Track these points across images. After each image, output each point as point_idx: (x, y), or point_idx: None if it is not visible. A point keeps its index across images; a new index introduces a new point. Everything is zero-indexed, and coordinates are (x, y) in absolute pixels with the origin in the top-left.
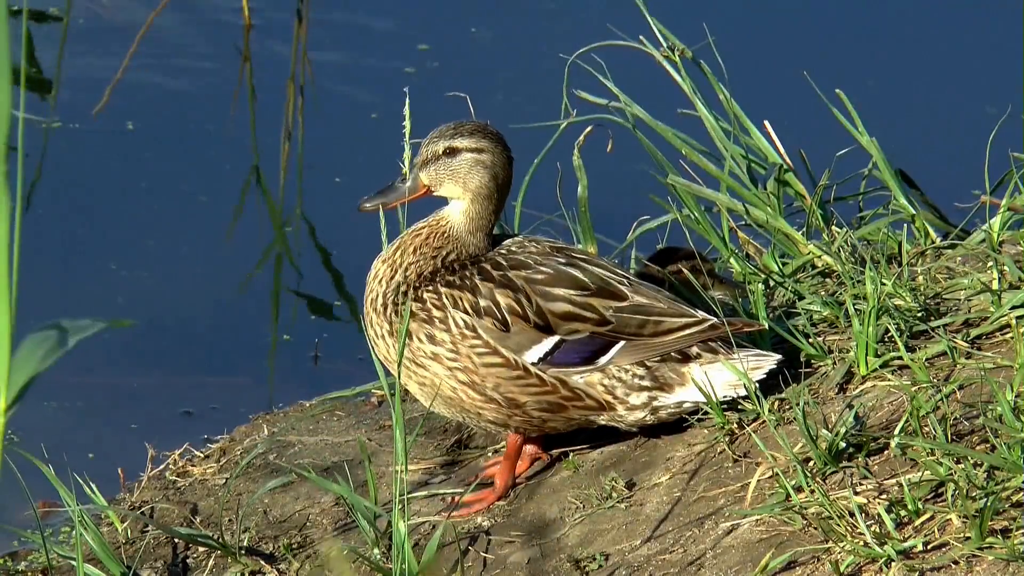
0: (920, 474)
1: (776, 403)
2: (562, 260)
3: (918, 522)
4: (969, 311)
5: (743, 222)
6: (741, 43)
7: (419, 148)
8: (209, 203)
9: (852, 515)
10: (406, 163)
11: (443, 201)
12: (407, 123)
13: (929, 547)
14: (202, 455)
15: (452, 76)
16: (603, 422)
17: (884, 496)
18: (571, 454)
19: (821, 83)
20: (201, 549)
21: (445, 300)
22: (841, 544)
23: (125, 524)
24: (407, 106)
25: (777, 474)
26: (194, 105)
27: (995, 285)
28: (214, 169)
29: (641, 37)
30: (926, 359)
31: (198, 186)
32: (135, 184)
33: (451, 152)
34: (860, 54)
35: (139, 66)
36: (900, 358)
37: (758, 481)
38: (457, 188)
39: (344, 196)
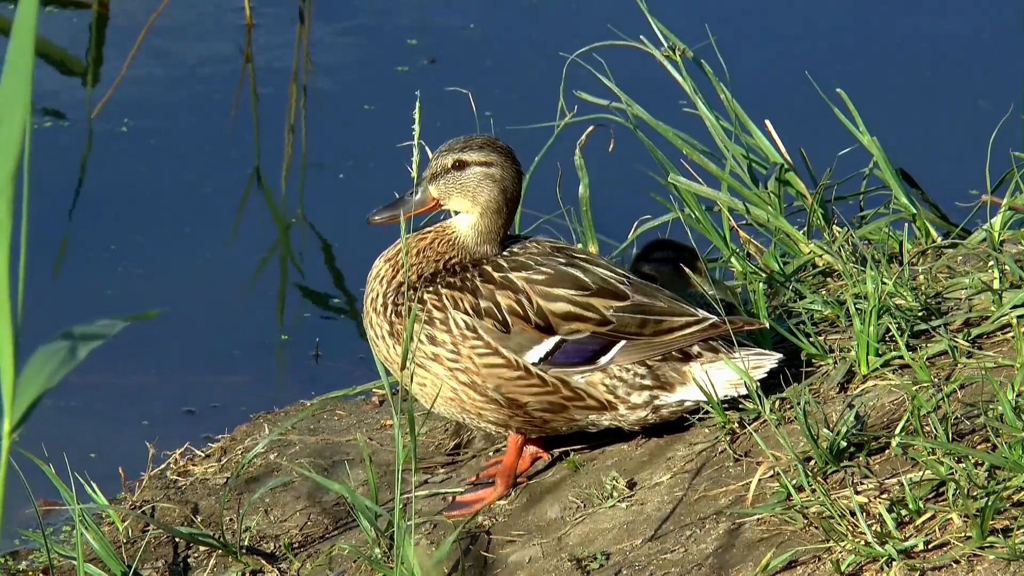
0: (921, 473)
1: (777, 402)
2: (563, 260)
3: (919, 521)
4: (970, 310)
5: (744, 221)
6: (742, 43)
7: (428, 161)
8: (210, 202)
9: (853, 514)
10: (414, 168)
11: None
12: (416, 127)
13: (930, 546)
14: (203, 454)
15: (447, 74)
16: (605, 423)
17: (885, 495)
18: (572, 453)
19: (822, 82)
20: (202, 548)
21: (446, 301)
22: (842, 543)
23: (126, 523)
24: (417, 109)
25: (778, 473)
26: (195, 105)
27: (996, 284)
28: (215, 168)
29: (642, 37)
30: (927, 358)
31: (199, 185)
32: (135, 183)
33: (460, 165)
34: (861, 54)
35: (140, 65)
36: (901, 357)
37: (759, 480)
38: (466, 202)
39: (345, 194)
